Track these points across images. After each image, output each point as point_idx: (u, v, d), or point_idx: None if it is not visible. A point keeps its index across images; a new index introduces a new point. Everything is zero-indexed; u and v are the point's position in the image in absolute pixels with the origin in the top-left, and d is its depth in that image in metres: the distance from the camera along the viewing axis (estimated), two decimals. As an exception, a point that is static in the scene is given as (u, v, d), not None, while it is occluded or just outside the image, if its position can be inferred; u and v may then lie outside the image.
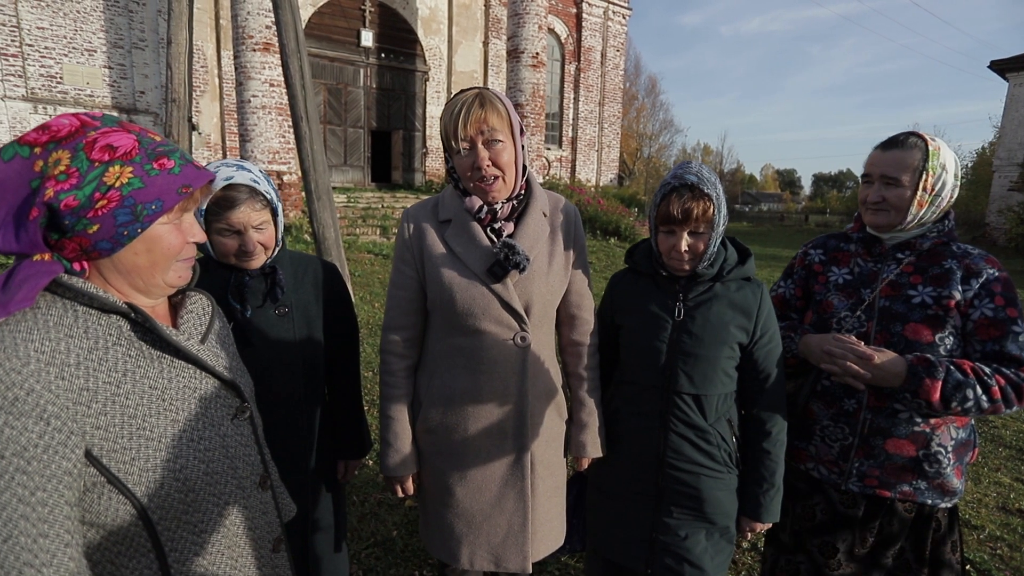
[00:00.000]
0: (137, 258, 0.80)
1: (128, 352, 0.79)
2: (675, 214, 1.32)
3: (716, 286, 1.40)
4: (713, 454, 1.40)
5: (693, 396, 1.39)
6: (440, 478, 1.43)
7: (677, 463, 1.41)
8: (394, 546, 2.47)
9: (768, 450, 1.41)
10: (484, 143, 1.28)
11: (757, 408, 1.42)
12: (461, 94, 1.30)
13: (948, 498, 1.38)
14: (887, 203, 1.37)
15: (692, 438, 1.39)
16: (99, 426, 0.73)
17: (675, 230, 1.35)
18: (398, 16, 13.58)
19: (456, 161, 1.33)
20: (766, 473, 1.41)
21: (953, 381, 1.24)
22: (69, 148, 0.73)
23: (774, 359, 1.41)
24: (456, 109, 1.27)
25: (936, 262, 1.37)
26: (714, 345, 1.36)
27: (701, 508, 1.41)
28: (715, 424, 1.40)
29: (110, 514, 0.76)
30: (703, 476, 1.40)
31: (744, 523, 1.46)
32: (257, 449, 0.97)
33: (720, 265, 1.38)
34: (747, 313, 1.38)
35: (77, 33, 10.02)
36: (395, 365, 1.43)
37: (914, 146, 1.34)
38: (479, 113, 1.26)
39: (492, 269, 1.31)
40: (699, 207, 1.30)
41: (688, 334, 1.38)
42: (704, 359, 1.36)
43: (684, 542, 1.41)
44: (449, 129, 1.29)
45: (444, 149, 1.36)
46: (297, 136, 5.04)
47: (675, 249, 1.35)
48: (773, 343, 1.41)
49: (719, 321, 1.37)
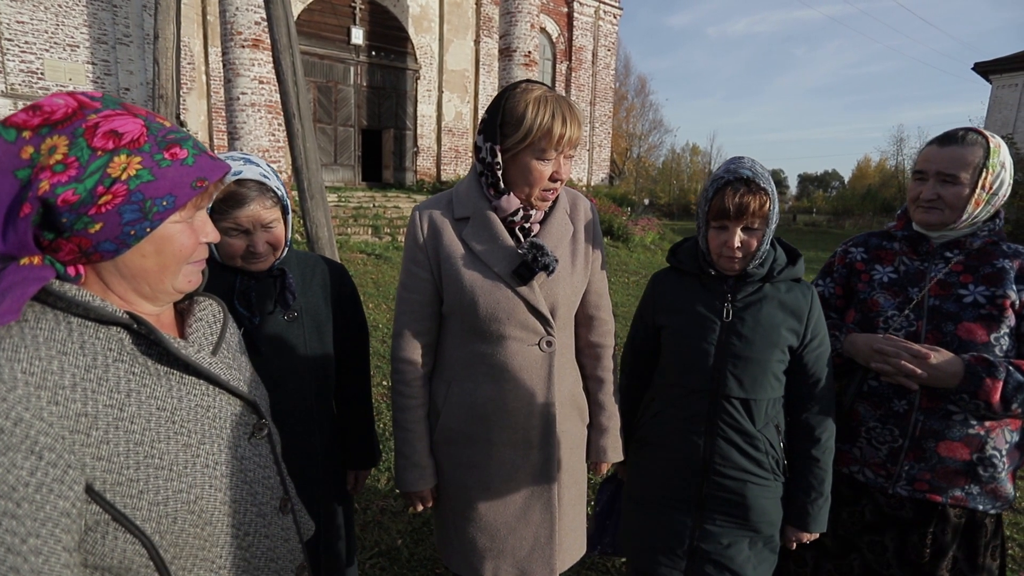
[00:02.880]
0: (145, 261, 0.70)
1: (131, 369, 0.69)
2: (729, 209, 1.26)
3: (766, 287, 1.35)
4: (761, 461, 1.34)
5: (742, 400, 1.33)
6: (461, 491, 1.35)
7: (724, 470, 1.35)
8: (399, 555, 2.38)
9: (817, 457, 1.36)
10: (565, 157, 1.24)
11: (806, 414, 1.36)
12: (544, 92, 1.20)
13: (1000, 504, 1.34)
14: (942, 201, 1.32)
15: (740, 444, 1.34)
16: (101, 456, 0.63)
17: (728, 226, 1.29)
18: (389, 14, 13.44)
19: (530, 163, 1.21)
20: (815, 482, 1.36)
21: (1014, 382, 1.19)
22: (66, 133, 0.62)
23: (824, 363, 1.36)
24: (559, 116, 1.17)
25: (987, 261, 1.33)
26: (765, 348, 1.31)
27: (746, 516, 1.35)
28: (763, 430, 1.34)
29: (116, 555, 0.65)
30: (750, 484, 1.34)
31: (790, 532, 1.40)
32: (276, 469, 0.88)
33: (770, 265, 1.33)
34: (798, 315, 1.33)
35: (59, 28, 9.77)
36: (410, 374, 1.34)
37: (974, 143, 1.29)
38: (578, 131, 1.21)
39: (519, 271, 1.23)
40: (755, 201, 1.25)
41: (738, 336, 1.32)
42: (754, 362, 1.31)
43: (727, 550, 1.36)
44: (551, 135, 1.17)
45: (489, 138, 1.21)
46: (289, 133, 4.92)
47: (727, 246, 1.29)
48: (823, 347, 1.36)
49: (769, 323, 1.32)
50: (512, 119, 1.19)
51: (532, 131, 1.17)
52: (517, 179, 1.25)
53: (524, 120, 1.17)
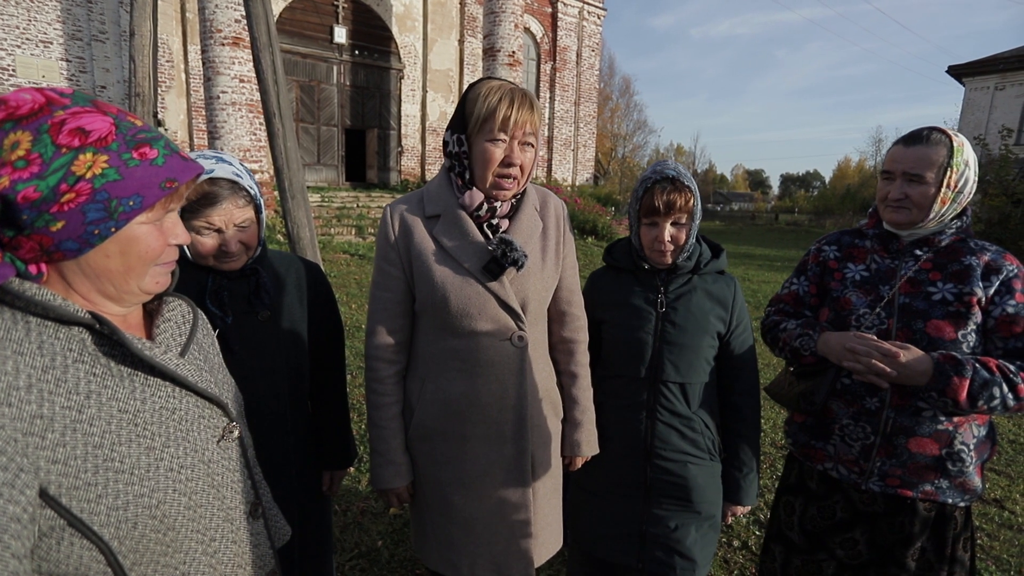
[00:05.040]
0: (109, 261, 0.68)
1: (92, 370, 0.67)
2: (658, 206, 1.38)
3: (694, 278, 1.48)
4: (697, 441, 1.45)
5: (679, 385, 1.44)
6: (436, 487, 1.35)
7: (665, 452, 1.45)
8: (379, 557, 2.37)
9: (746, 434, 1.50)
10: (520, 143, 1.25)
11: (734, 395, 1.50)
12: (501, 83, 1.25)
13: (969, 497, 1.36)
14: (909, 200, 1.34)
15: (678, 426, 1.45)
16: (56, 460, 0.61)
17: (658, 221, 1.40)
18: (372, 13, 13.35)
19: (484, 146, 1.24)
20: (745, 457, 1.50)
21: (980, 379, 1.21)
22: (31, 129, 0.61)
23: (748, 347, 1.51)
24: (506, 100, 1.21)
25: (955, 258, 1.35)
26: (697, 334, 1.43)
27: (689, 497, 1.45)
28: (698, 412, 1.46)
29: (72, 563, 0.64)
30: (689, 464, 1.45)
31: (726, 508, 1.53)
32: (247, 473, 0.86)
33: (697, 259, 1.46)
34: (724, 304, 1.47)
35: (31, 23, 9.53)
36: (383, 371, 1.34)
37: (938, 142, 1.31)
38: (529, 115, 1.23)
39: (488, 266, 1.24)
40: (681, 198, 1.37)
41: (672, 324, 1.44)
42: (688, 348, 1.43)
43: (674, 533, 1.46)
44: (495, 116, 1.20)
45: (455, 130, 1.27)
46: (270, 133, 4.87)
47: (658, 240, 1.40)
48: (747, 333, 1.51)
49: (700, 311, 1.44)
50: (469, 108, 1.24)
51: (482, 114, 1.22)
52: (476, 167, 1.27)
53: (475, 105, 1.23)
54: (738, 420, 1.49)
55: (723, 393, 1.51)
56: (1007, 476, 3.26)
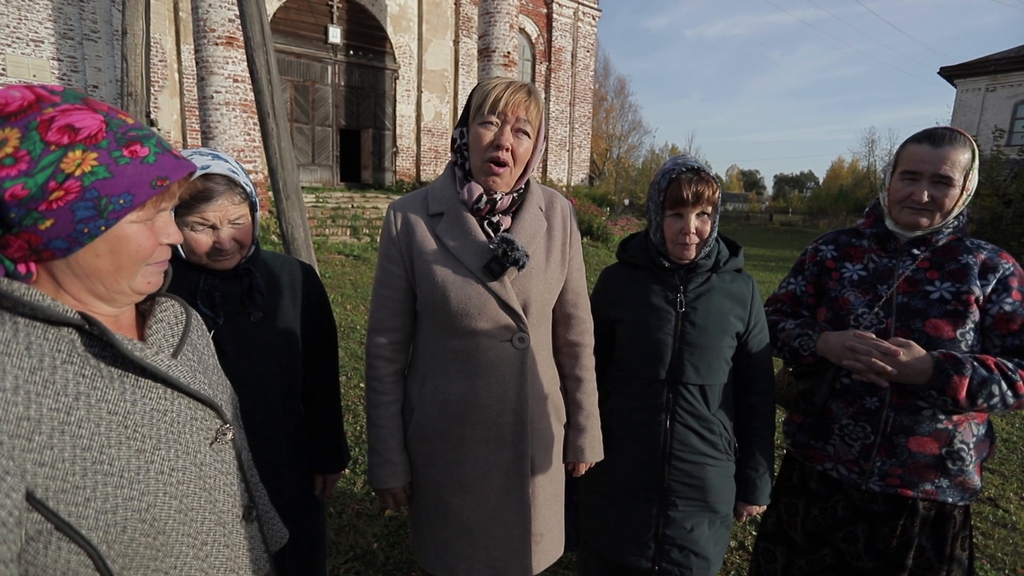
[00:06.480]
0: (99, 260, 0.67)
1: (81, 371, 0.66)
2: (687, 196, 1.34)
3: (713, 277, 1.44)
4: (716, 443, 1.42)
5: (699, 387, 1.40)
6: (434, 489, 1.34)
7: (683, 455, 1.41)
8: (375, 559, 2.35)
9: (764, 434, 1.47)
10: (513, 128, 1.23)
11: (752, 395, 1.46)
12: (507, 78, 1.27)
13: (969, 496, 1.36)
14: (934, 203, 1.31)
15: (698, 428, 1.41)
16: (43, 462, 0.60)
17: (684, 213, 1.36)
18: (366, 13, 13.32)
19: (476, 130, 1.24)
20: (761, 456, 1.46)
21: (979, 378, 1.21)
22: (19, 126, 0.60)
23: (765, 346, 1.48)
24: (502, 85, 1.23)
25: (951, 257, 1.35)
26: (717, 334, 1.39)
27: (705, 498, 1.43)
28: (717, 413, 1.43)
29: (59, 567, 0.62)
30: (707, 466, 1.42)
31: (740, 507, 1.50)
32: (241, 476, 0.85)
33: (716, 257, 1.42)
34: (743, 303, 1.43)
35: (21, 22, 9.45)
36: (383, 370, 1.33)
37: (964, 144, 1.29)
38: (524, 99, 1.23)
39: (489, 266, 1.23)
40: (708, 189, 1.35)
41: (692, 324, 1.40)
42: (708, 349, 1.39)
43: (690, 534, 1.43)
44: (487, 99, 1.22)
45: (459, 125, 1.29)
46: (264, 133, 4.85)
47: (683, 232, 1.36)
48: (764, 332, 1.48)
49: (719, 311, 1.41)
50: (472, 101, 1.27)
51: (479, 102, 1.24)
52: (472, 155, 1.28)
53: (476, 96, 1.25)
54: (755, 420, 1.45)
55: (740, 393, 1.47)
56: (1000, 475, 3.28)
